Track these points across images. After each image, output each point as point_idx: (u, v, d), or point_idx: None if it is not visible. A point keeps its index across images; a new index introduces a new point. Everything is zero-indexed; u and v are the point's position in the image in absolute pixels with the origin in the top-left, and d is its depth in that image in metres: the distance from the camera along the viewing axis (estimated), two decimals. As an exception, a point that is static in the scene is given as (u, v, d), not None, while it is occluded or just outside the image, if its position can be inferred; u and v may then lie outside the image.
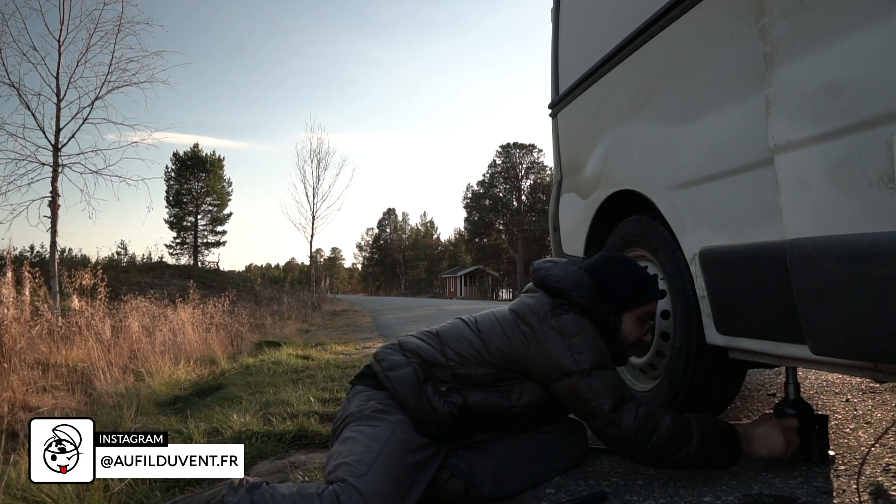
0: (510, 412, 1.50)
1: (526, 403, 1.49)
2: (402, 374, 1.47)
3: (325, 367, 4.23)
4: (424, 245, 63.64)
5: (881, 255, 0.91)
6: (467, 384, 1.48)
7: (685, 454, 1.33)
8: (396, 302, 23.67)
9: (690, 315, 1.66)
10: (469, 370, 1.48)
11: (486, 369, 1.48)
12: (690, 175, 1.58)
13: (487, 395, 1.48)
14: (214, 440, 2.28)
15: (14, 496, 1.77)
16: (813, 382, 2.45)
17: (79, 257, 24.64)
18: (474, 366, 1.48)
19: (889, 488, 1.29)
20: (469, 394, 1.47)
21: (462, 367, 1.48)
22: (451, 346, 1.51)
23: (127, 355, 4.79)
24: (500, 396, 1.49)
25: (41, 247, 27.03)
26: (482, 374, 1.48)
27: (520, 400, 1.49)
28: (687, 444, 1.33)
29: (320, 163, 21.70)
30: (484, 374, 1.48)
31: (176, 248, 43.41)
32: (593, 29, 2.32)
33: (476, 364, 1.48)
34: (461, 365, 1.48)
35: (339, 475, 1.27)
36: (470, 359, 1.49)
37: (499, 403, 1.48)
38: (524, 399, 1.49)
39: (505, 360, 1.47)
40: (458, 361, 1.49)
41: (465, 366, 1.48)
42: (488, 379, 1.48)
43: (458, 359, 1.49)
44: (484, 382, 1.48)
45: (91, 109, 7.67)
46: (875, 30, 0.95)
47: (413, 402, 1.43)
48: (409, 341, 1.57)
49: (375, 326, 8.88)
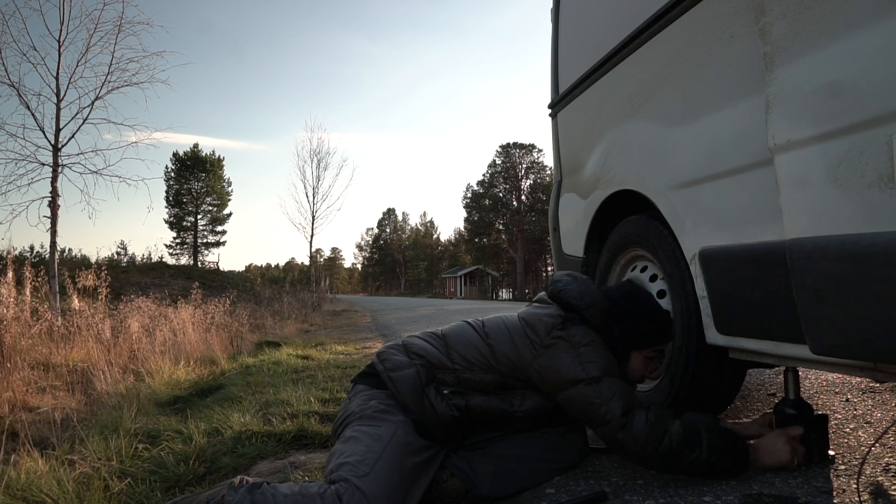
0: (511, 417, 1.50)
1: (527, 410, 1.50)
2: (404, 376, 1.47)
3: (325, 367, 4.23)
4: (424, 245, 63.65)
5: (881, 254, 0.91)
6: (470, 388, 1.48)
7: (695, 458, 1.33)
8: (396, 302, 23.67)
9: (690, 315, 1.66)
10: (474, 375, 1.48)
11: (492, 376, 1.48)
12: (690, 175, 1.58)
13: (489, 399, 1.48)
14: (214, 440, 2.28)
15: (14, 496, 1.77)
16: (813, 382, 2.45)
17: (79, 257, 24.67)
18: (480, 371, 1.48)
19: (889, 488, 1.29)
20: (471, 397, 1.47)
21: (467, 371, 1.48)
22: (457, 350, 1.51)
23: (127, 355, 4.79)
24: (502, 402, 1.49)
25: (41, 247, 27.06)
26: (487, 380, 1.48)
27: (521, 406, 1.49)
28: (697, 448, 1.32)
29: (320, 163, 21.75)
30: (488, 381, 1.48)
31: (176, 248, 43.42)
32: (593, 29, 2.32)
33: (482, 370, 1.48)
34: (467, 369, 1.48)
35: (342, 475, 1.27)
36: (476, 364, 1.49)
37: (500, 408, 1.49)
38: (525, 405, 1.49)
39: (511, 367, 1.47)
40: (464, 366, 1.49)
41: (471, 370, 1.48)
42: (492, 386, 1.49)
43: (463, 363, 1.49)
44: (487, 389, 1.49)
45: (91, 109, 7.69)
46: (875, 30, 0.95)
47: (414, 403, 1.44)
48: (414, 342, 1.57)
49: (375, 326, 8.88)
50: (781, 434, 1.42)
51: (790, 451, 1.39)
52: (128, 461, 2.11)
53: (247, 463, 2.03)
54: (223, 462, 2.04)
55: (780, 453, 1.39)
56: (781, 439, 1.41)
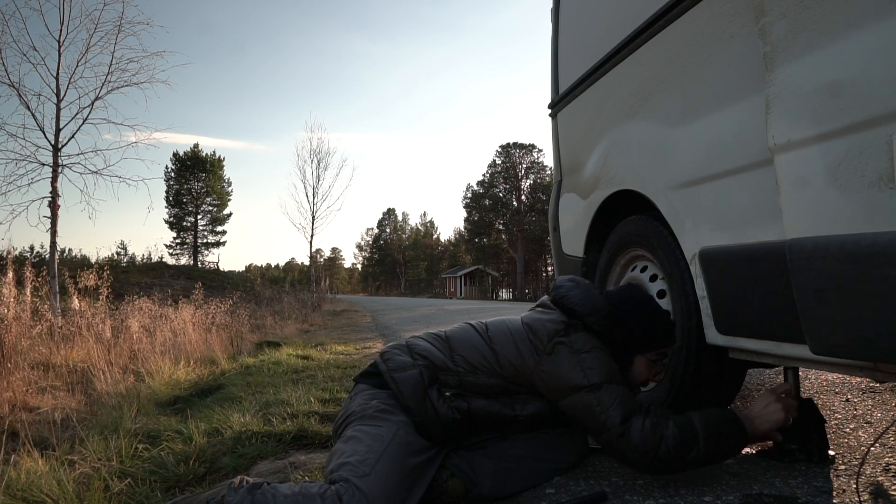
0: (512, 421, 1.51)
1: (528, 414, 1.51)
2: (407, 376, 1.47)
3: (325, 367, 4.23)
4: (424, 245, 63.64)
5: (881, 254, 0.91)
6: (472, 391, 1.49)
7: (695, 454, 1.32)
8: (396, 302, 23.67)
9: (690, 315, 1.66)
10: (477, 378, 1.49)
11: (495, 380, 1.49)
12: (690, 175, 1.58)
13: (491, 403, 1.49)
14: (214, 440, 2.28)
15: (14, 496, 1.77)
16: (813, 382, 2.45)
17: (79, 257, 24.69)
18: (483, 375, 1.49)
19: (889, 488, 1.29)
20: (473, 400, 1.48)
21: (470, 374, 1.49)
22: (460, 353, 1.52)
23: (127, 355, 4.79)
24: (504, 406, 1.50)
25: (41, 247, 27.08)
26: (490, 383, 1.49)
27: (523, 411, 1.50)
28: (695, 446, 1.32)
29: (320, 163, 21.76)
30: (491, 384, 1.49)
31: (176, 249, 43.45)
32: (593, 29, 2.32)
33: (485, 374, 1.49)
34: (470, 373, 1.49)
35: (342, 475, 1.27)
36: (479, 368, 1.49)
37: (502, 412, 1.50)
38: (527, 410, 1.50)
39: (515, 372, 1.48)
40: (467, 369, 1.49)
41: (474, 374, 1.49)
42: (494, 390, 1.49)
43: (467, 366, 1.50)
44: (489, 393, 1.49)
45: (91, 110, 7.69)
46: (875, 29, 0.95)
47: (416, 404, 1.44)
48: (417, 343, 1.57)
49: (375, 326, 8.88)
50: (770, 394, 1.43)
51: (783, 408, 1.41)
52: (128, 461, 2.11)
53: (247, 463, 2.03)
54: (223, 462, 2.04)
55: (774, 414, 1.40)
56: (771, 399, 1.42)
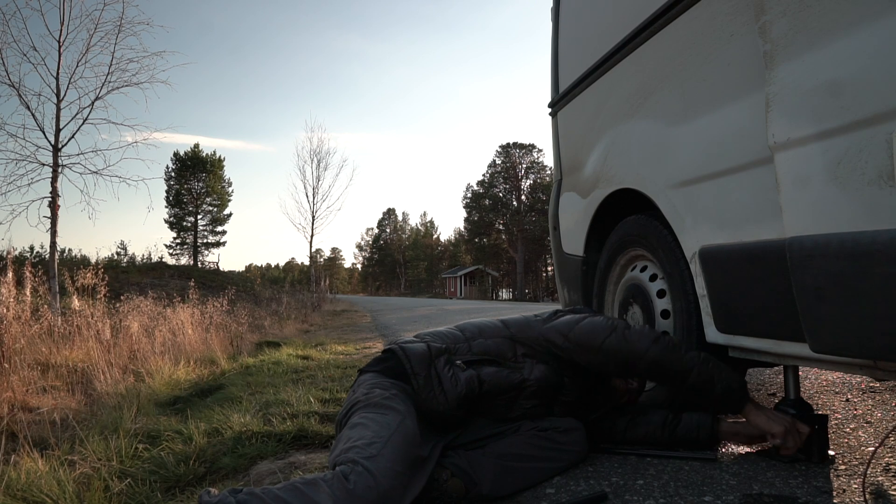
0: (520, 388, 1.57)
1: (536, 379, 1.58)
2: (416, 347, 1.59)
3: (325, 367, 4.23)
4: (424, 245, 63.64)
5: (881, 252, 0.91)
6: (481, 355, 1.60)
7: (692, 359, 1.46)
8: (396, 302, 23.67)
9: (690, 314, 1.66)
10: (485, 339, 1.64)
11: (501, 339, 1.64)
12: (690, 174, 1.58)
13: (500, 370, 1.57)
14: (214, 440, 2.28)
15: (14, 496, 1.77)
16: (813, 382, 2.45)
17: (79, 257, 24.66)
18: (490, 336, 1.65)
19: (889, 488, 1.29)
20: (482, 368, 1.56)
21: (479, 337, 1.64)
22: (469, 327, 1.70)
23: (127, 355, 4.79)
24: (512, 371, 1.58)
25: (41, 247, 27.02)
26: (496, 343, 1.63)
27: (531, 374, 1.58)
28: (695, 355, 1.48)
29: (320, 163, 21.76)
30: (498, 344, 1.63)
31: (176, 249, 43.42)
32: (593, 28, 2.32)
33: (492, 335, 1.65)
34: (478, 335, 1.65)
35: (350, 456, 1.25)
36: (487, 330, 1.67)
37: (511, 377, 1.57)
38: (535, 374, 1.58)
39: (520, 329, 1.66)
40: (476, 333, 1.66)
41: (482, 335, 1.65)
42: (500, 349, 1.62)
43: (475, 331, 1.67)
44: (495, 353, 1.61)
45: (91, 110, 7.67)
46: (875, 28, 0.95)
47: (422, 370, 1.53)
48: (425, 333, 1.72)
49: (375, 326, 8.88)
50: (788, 417, 1.47)
51: (786, 431, 1.44)
52: (128, 461, 2.11)
53: (247, 463, 2.03)
54: (223, 462, 2.04)
55: (779, 422, 1.45)
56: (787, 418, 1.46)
